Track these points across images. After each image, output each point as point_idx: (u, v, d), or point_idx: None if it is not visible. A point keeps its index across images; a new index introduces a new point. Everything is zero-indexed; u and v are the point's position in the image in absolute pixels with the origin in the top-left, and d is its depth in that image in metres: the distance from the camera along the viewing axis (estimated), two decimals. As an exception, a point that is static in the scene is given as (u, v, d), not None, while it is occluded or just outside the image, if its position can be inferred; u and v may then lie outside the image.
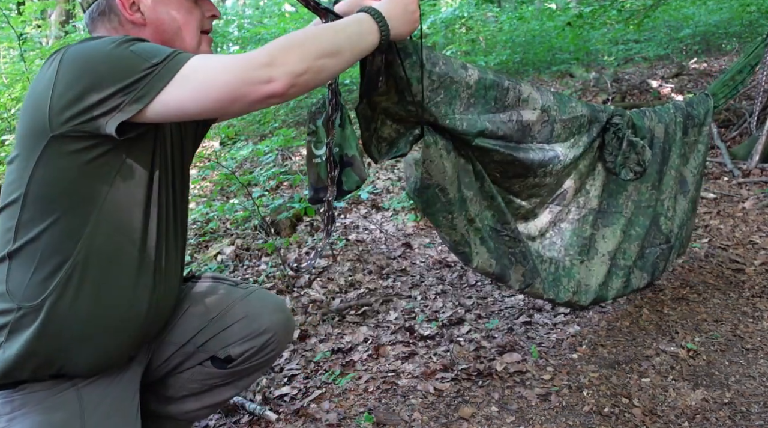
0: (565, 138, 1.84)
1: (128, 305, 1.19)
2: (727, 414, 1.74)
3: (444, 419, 1.80)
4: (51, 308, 1.11)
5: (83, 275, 1.13)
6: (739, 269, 2.73)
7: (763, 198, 3.70)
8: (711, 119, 2.40)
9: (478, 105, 1.60)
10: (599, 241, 2.05)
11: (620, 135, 1.97)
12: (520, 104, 1.68)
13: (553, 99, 1.78)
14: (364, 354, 2.21)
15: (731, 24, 8.15)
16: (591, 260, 2.02)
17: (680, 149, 2.27)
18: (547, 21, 8.66)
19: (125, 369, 1.29)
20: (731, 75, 2.49)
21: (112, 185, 1.12)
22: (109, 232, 1.14)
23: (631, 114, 2.06)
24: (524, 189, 1.82)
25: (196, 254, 3.58)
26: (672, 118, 2.24)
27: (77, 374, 1.18)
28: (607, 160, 2.02)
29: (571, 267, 1.97)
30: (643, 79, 6.30)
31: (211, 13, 1.27)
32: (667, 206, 2.24)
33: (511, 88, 1.66)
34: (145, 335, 1.29)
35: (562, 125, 1.81)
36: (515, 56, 8.39)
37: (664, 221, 2.24)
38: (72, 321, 1.13)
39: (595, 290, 2.01)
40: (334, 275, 3.00)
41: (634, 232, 2.14)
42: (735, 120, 5.29)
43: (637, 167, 1.99)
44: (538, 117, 1.73)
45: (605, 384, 1.92)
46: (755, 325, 2.24)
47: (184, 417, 1.49)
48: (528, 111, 1.70)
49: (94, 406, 1.19)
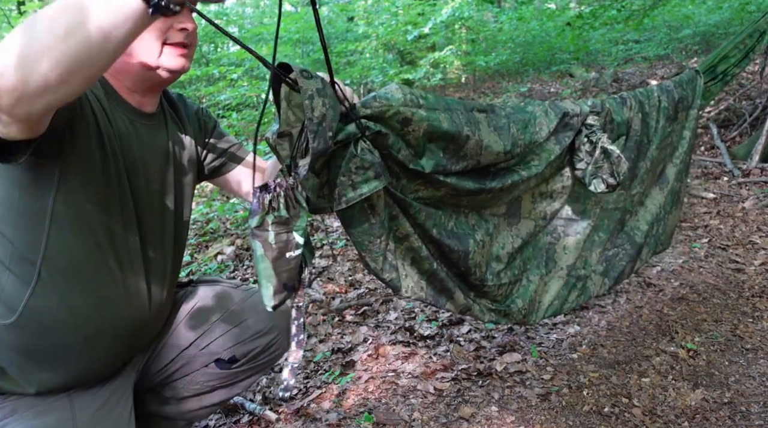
0: (529, 160, 1.60)
1: (102, 318, 1.18)
2: (727, 414, 1.74)
3: (444, 419, 1.80)
4: (24, 324, 1.12)
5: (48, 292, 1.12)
6: (739, 269, 2.73)
7: (763, 198, 3.70)
8: (700, 100, 2.14)
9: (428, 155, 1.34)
10: (559, 252, 1.79)
11: (593, 139, 1.70)
12: (481, 153, 1.42)
13: (516, 131, 1.53)
14: (364, 354, 2.21)
15: (731, 24, 8.15)
16: (549, 273, 1.78)
17: (661, 138, 2.00)
18: (547, 21, 8.66)
19: (118, 373, 1.29)
20: (729, 49, 2.23)
21: (55, 201, 1.08)
22: (67, 247, 1.12)
23: (610, 103, 1.81)
24: (473, 204, 1.56)
25: (196, 254, 3.58)
26: (655, 103, 1.98)
27: (60, 388, 1.19)
28: (576, 166, 1.73)
29: (527, 286, 1.72)
30: (643, 79, 6.30)
31: (181, 26, 1.15)
32: (635, 202, 1.99)
33: (471, 135, 1.39)
34: (131, 346, 1.28)
35: (526, 150, 1.58)
36: (515, 56, 8.41)
37: (628, 218, 1.99)
38: (45, 336, 1.14)
39: (546, 307, 1.78)
40: (334, 275, 3.00)
41: (597, 238, 1.88)
42: (735, 120, 5.29)
43: (610, 179, 1.71)
44: (499, 158, 1.49)
45: (605, 384, 1.92)
46: (755, 325, 2.24)
47: (183, 417, 1.49)
48: (488, 155, 1.44)
49: (86, 409, 1.19)
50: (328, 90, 1.04)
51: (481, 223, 1.60)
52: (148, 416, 1.46)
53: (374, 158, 1.14)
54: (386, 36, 7.41)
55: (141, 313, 1.24)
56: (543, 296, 1.77)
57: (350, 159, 1.12)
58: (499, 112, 1.52)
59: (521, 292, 1.70)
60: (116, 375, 1.28)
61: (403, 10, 7.55)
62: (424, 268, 1.45)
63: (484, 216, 1.61)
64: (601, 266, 1.92)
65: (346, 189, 1.14)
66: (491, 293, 1.64)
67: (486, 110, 1.47)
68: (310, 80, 1.02)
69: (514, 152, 1.51)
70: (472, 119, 1.40)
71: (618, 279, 1.98)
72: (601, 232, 1.89)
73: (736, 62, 2.25)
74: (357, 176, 1.14)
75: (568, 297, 1.82)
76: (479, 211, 1.60)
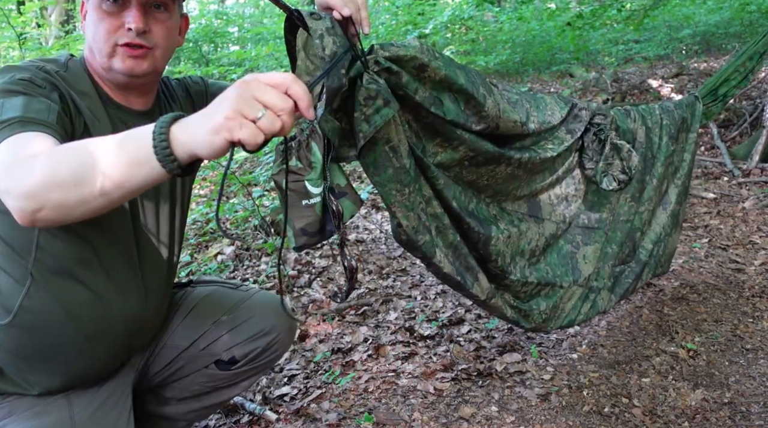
0: (544, 144, 1.60)
1: (99, 317, 1.18)
2: (727, 414, 1.74)
3: (444, 419, 1.80)
4: (20, 325, 1.12)
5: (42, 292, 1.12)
6: (739, 269, 2.73)
7: (763, 198, 3.70)
8: (698, 124, 2.16)
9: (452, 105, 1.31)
10: (580, 261, 1.77)
11: (602, 137, 1.69)
12: (500, 116, 1.41)
13: (529, 107, 1.53)
14: (364, 354, 2.21)
15: (731, 24, 8.15)
16: (576, 282, 1.76)
17: (665, 156, 2.00)
18: (547, 21, 8.66)
19: (116, 373, 1.29)
20: (729, 72, 2.26)
21: None
22: (59, 246, 1.12)
23: (615, 113, 1.81)
24: (491, 183, 1.50)
25: (196, 254, 3.58)
26: (657, 121, 1.98)
27: (58, 388, 1.19)
28: (586, 166, 1.72)
29: (558, 291, 1.71)
30: (643, 79, 6.30)
31: (127, 26, 1.11)
32: (644, 220, 1.99)
33: (488, 95, 1.37)
34: (129, 345, 1.28)
35: (541, 129, 1.57)
36: (515, 56, 8.40)
37: (639, 237, 2.00)
38: (41, 336, 1.14)
39: (565, 316, 1.78)
40: (334, 275, 3.00)
41: (610, 250, 1.88)
42: (735, 120, 5.29)
43: (621, 175, 1.71)
44: (516, 128, 1.48)
45: (605, 384, 1.92)
46: (755, 325, 2.24)
47: (183, 418, 1.49)
48: (506, 121, 1.43)
49: (85, 409, 1.19)
50: (337, 29, 1.07)
51: (503, 215, 1.58)
52: (148, 416, 1.46)
53: (379, 86, 1.15)
54: (386, 36, 7.40)
55: (138, 312, 1.24)
56: (566, 304, 1.76)
57: (358, 92, 1.14)
58: (511, 90, 1.54)
59: (549, 295, 1.68)
60: (115, 375, 1.28)
61: (402, 10, 7.55)
62: (449, 240, 1.39)
63: (505, 209, 1.59)
64: (610, 281, 1.92)
65: (361, 124, 1.15)
66: (513, 287, 1.61)
67: (497, 85, 1.49)
68: (318, 21, 1.05)
69: (530, 126, 1.49)
70: (486, 85, 1.40)
71: (623, 296, 2.01)
72: (614, 244, 1.90)
73: (736, 84, 2.27)
74: (367, 108, 1.14)
75: (581, 309, 1.82)
76: (500, 202, 1.57)
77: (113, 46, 1.12)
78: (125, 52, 1.12)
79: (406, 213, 1.28)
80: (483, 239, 1.46)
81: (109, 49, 1.12)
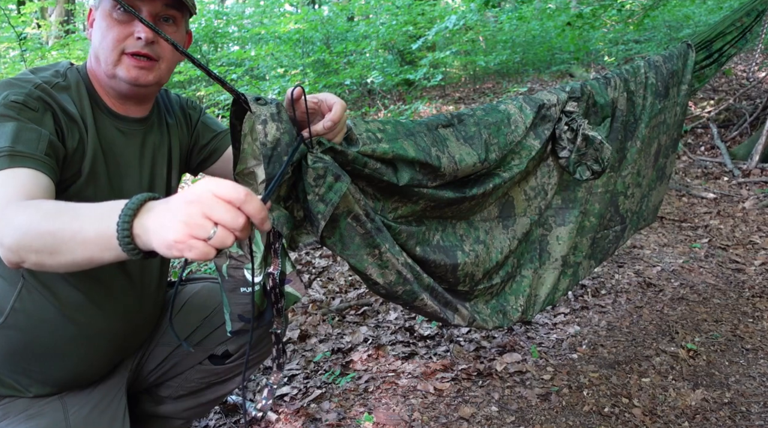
0: (510, 161, 1.56)
1: (92, 319, 1.18)
2: (727, 414, 1.74)
3: (444, 419, 1.80)
4: (12, 326, 1.12)
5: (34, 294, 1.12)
6: (739, 269, 2.73)
7: (763, 198, 3.70)
8: (690, 75, 2.04)
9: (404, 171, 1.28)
10: (552, 243, 1.74)
11: (574, 127, 1.65)
12: (458, 168, 1.37)
13: (488, 136, 1.48)
14: (364, 354, 2.21)
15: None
16: (543, 266, 1.73)
17: (650, 116, 1.92)
18: (547, 21, 8.66)
19: (110, 374, 1.29)
20: (726, 25, 2.10)
21: None
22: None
23: (593, 86, 1.74)
24: (457, 213, 1.51)
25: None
26: (642, 80, 1.90)
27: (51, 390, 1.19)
28: (560, 155, 1.69)
29: (521, 282, 1.68)
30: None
31: (137, 35, 1.13)
32: (628, 184, 1.93)
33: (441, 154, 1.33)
34: (122, 346, 1.29)
35: (504, 153, 1.53)
36: (515, 56, 8.40)
37: (623, 200, 1.94)
38: (34, 338, 1.14)
39: (543, 300, 1.74)
40: (334, 275, 3.00)
41: (588, 223, 1.83)
42: (735, 120, 5.29)
43: (595, 166, 1.70)
44: (476, 168, 1.44)
45: (605, 384, 1.92)
46: (755, 325, 2.24)
47: (180, 416, 1.49)
48: (465, 169, 1.40)
49: (79, 410, 1.19)
50: (283, 115, 1.04)
51: (470, 232, 1.55)
52: (145, 417, 1.47)
53: (326, 163, 1.11)
54: (386, 36, 7.40)
55: (131, 313, 1.25)
56: (539, 290, 1.72)
57: (306, 174, 1.10)
58: (468, 120, 1.48)
59: (514, 288, 1.66)
60: (109, 377, 1.29)
61: (402, 10, 7.55)
62: (425, 283, 1.40)
63: (473, 223, 1.57)
64: (590, 250, 1.87)
65: (317, 205, 1.11)
66: (481, 295, 1.61)
67: (452, 124, 1.43)
68: (263, 106, 1.02)
69: (491, 158, 1.46)
70: (438, 138, 1.37)
71: (601, 260, 1.94)
72: (591, 217, 1.84)
73: (732, 41, 2.14)
74: (319, 187, 1.11)
75: (558, 286, 1.78)
76: (467, 218, 1.55)
77: (120, 54, 1.14)
78: (132, 62, 1.14)
79: (381, 271, 1.28)
80: (450, 269, 1.47)
81: (115, 57, 1.14)
